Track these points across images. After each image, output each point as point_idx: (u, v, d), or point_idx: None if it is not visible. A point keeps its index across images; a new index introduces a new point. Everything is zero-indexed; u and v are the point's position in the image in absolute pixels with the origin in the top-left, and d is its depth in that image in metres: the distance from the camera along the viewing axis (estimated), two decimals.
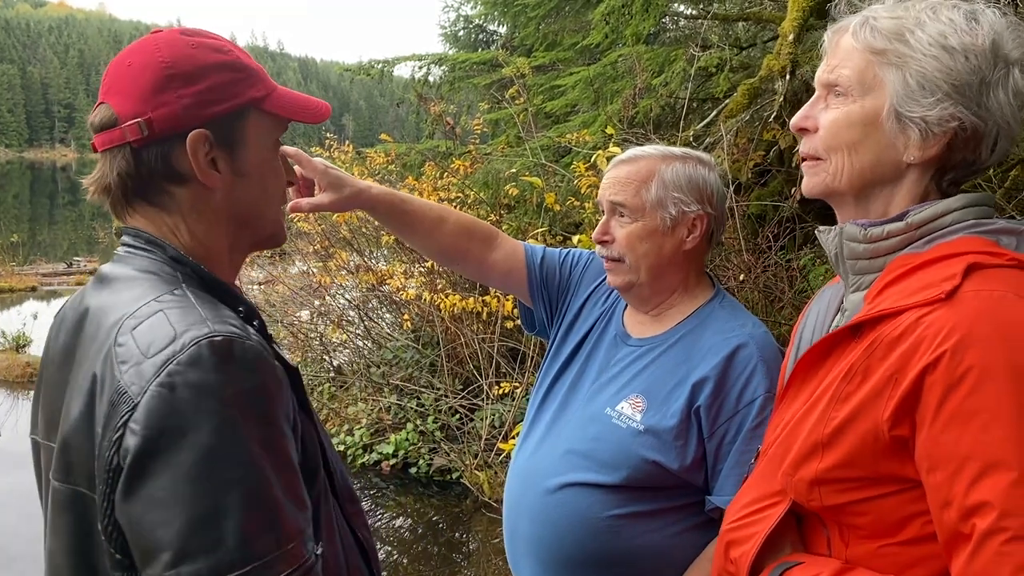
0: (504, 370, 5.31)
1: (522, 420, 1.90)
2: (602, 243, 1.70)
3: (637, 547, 1.58)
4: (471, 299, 4.99)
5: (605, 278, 1.83)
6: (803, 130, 1.15)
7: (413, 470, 5.44)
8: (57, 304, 12.55)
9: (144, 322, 0.95)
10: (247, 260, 1.20)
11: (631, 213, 1.66)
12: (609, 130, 4.54)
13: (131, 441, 0.88)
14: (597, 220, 1.77)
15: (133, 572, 0.92)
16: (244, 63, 1.10)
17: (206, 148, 1.05)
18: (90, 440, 0.93)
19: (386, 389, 5.94)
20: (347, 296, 6.85)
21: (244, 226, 1.13)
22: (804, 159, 1.17)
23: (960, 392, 0.91)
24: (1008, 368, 0.90)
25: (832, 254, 1.16)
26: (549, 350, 1.90)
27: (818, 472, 1.04)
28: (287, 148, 1.51)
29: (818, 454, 1.04)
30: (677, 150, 1.74)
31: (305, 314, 7.15)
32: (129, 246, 1.08)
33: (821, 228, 1.18)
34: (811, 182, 1.17)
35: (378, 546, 4.64)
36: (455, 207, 5.40)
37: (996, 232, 1.04)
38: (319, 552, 0.96)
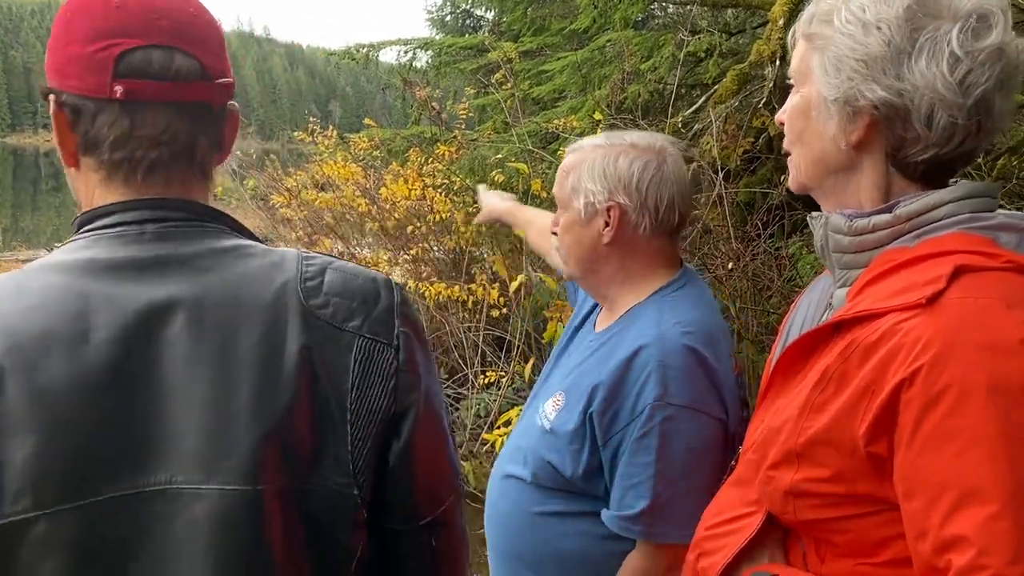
0: (490, 359, 5.27)
1: (507, 410, 1.94)
2: (554, 234, 1.71)
3: (556, 548, 1.56)
4: (456, 287, 4.94)
5: None
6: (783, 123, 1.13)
7: None
8: None
9: (324, 281, 0.93)
10: None
11: (561, 204, 1.66)
12: (597, 116, 4.48)
13: (410, 381, 0.93)
14: None
15: (369, 527, 0.93)
16: None
17: None
18: (313, 413, 0.87)
19: None
20: None
21: None
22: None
23: (937, 412, 0.83)
24: (990, 387, 0.82)
25: (818, 245, 1.09)
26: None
27: (793, 483, 0.97)
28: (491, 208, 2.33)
29: (793, 464, 0.97)
30: (626, 138, 1.63)
31: None
32: (169, 220, 0.91)
33: (814, 214, 1.11)
34: (790, 179, 1.13)
35: None
36: (440, 193, 5.38)
37: (995, 228, 0.94)
38: None
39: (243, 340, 0.85)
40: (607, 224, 1.59)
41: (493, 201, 2.35)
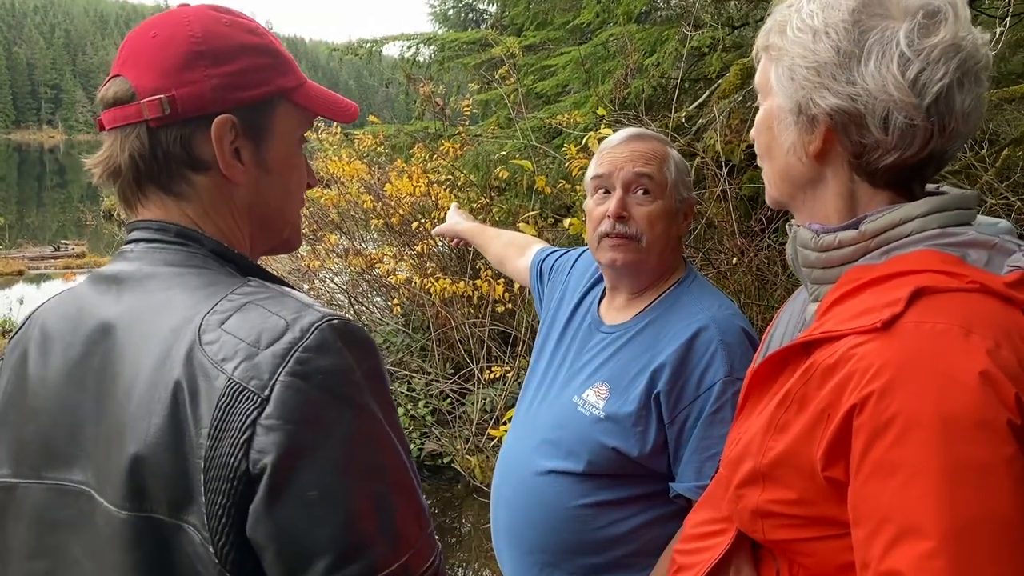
0: (495, 354, 5.28)
1: (513, 404, 1.94)
2: (621, 219, 1.64)
3: (605, 537, 1.58)
4: (461, 283, 4.95)
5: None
6: None
7: None
8: (47, 288, 12.44)
9: (233, 315, 0.85)
10: None
11: (655, 189, 1.64)
12: (600, 111, 4.48)
13: (269, 440, 0.78)
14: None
15: None
16: (277, 49, 1.01)
17: (231, 136, 0.95)
18: (177, 456, 0.81)
19: None
20: (336, 280, 6.79)
21: (264, 226, 1.03)
22: None
23: (884, 441, 0.80)
24: (937, 419, 0.78)
25: (790, 259, 1.07)
26: (536, 342, 1.92)
27: (759, 503, 0.96)
28: (440, 228, 2.49)
29: (759, 484, 0.95)
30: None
31: None
32: (151, 241, 0.95)
33: (791, 223, 1.09)
34: (766, 194, 1.09)
35: None
36: (445, 189, 5.39)
37: (964, 245, 0.90)
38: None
39: (144, 364, 0.85)
40: (685, 218, 1.71)
41: (457, 219, 2.50)
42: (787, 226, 1.09)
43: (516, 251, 2.24)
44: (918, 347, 0.82)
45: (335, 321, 0.85)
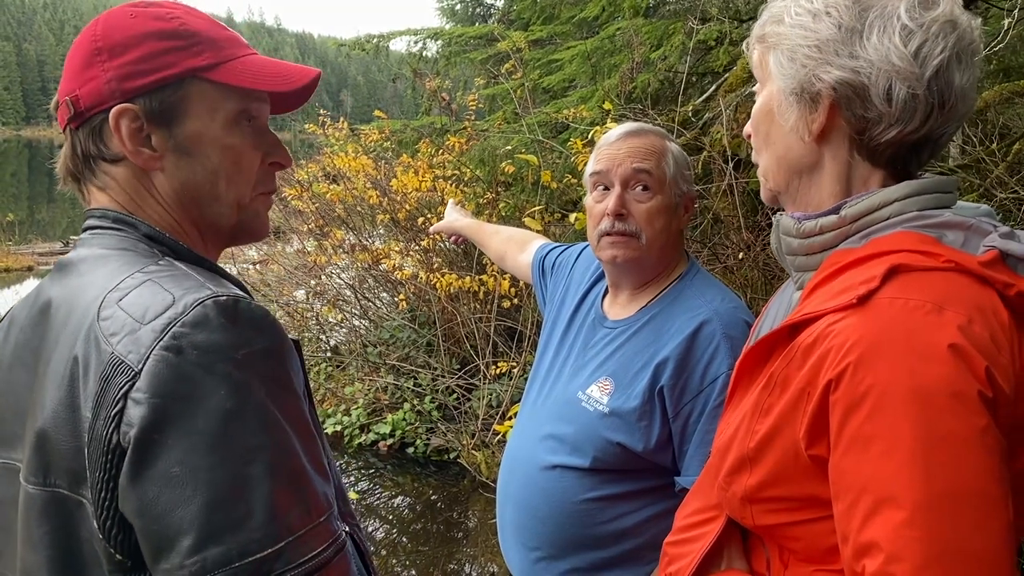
0: (501, 349, 5.28)
1: (519, 400, 1.94)
2: (620, 216, 1.63)
3: (613, 531, 1.58)
4: (467, 278, 4.95)
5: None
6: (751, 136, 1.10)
7: (411, 450, 5.43)
8: None
9: (131, 292, 0.85)
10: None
11: (654, 185, 1.63)
12: (607, 105, 4.46)
13: (136, 413, 0.78)
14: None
15: (136, 573, 0.82)
16: (190, 30, 0.98)
17: (135, 124, 0.95)
18: (74, 430, 0.82)
19: (383, 369, 5.91)
20: (343, 275, 6.80)
21: (203, 211, 1.01)
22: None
23: (859, 415, 0.81)
24: (910, 392, 0.79)
25: (774, 247, 1.08)
26: (540, 338, 1.92)
27: (747, 488, 0.96)
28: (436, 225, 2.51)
29: (746, 469, 0.96)
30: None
31: (301, 294, 7.12)
32: (94, 228, 0.98)
33: (778, 215, 1.10)
34: (761, 191, 1.09)
35: (377, 525, 4.66)
36: (451, 184, 5.38)
37: (940, 226, 0.92)
38: (347, 531, 0.88)
39: (61, 341, 0.88)
40: (686, 212, 1.69)
41: (455, 215, 2.50)
42: (773, 217, 1.10)
43: (516, 247, 2.23)
44: (891, 321, 0.83)
45: (223, 298, 0.83)
